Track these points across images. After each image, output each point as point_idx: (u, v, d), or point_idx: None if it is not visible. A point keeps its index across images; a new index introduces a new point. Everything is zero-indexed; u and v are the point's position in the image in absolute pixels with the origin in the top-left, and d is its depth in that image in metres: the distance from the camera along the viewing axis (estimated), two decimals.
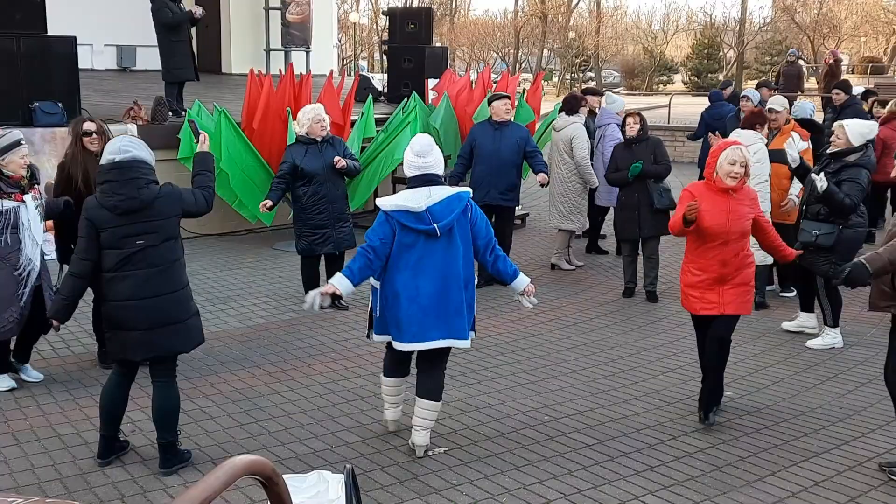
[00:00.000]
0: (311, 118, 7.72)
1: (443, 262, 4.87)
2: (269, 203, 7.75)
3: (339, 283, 4.87)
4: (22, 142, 5.60)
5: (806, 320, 7.55)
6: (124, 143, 4.67)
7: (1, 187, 5.40)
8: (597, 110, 10.55)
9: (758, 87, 13.12)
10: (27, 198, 5.58)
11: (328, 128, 7.85)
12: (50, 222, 6.10)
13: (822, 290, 7.16)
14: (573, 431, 5.50)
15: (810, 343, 7.22)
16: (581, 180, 9.40)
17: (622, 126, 8.81)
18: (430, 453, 5.13)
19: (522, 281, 5.12)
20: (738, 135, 7.89)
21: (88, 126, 6.01)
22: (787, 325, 7.65)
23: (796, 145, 7.36)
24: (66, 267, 5.55)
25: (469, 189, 5.08)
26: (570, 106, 9.56)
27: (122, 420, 5.00)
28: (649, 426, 5.60)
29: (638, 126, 8.56)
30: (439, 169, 5.00)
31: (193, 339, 4.86)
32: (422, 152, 4.94)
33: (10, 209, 5.45)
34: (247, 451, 5.05)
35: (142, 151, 4.68)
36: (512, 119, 8.88)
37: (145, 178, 4.62)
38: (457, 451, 5.18)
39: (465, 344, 5.04)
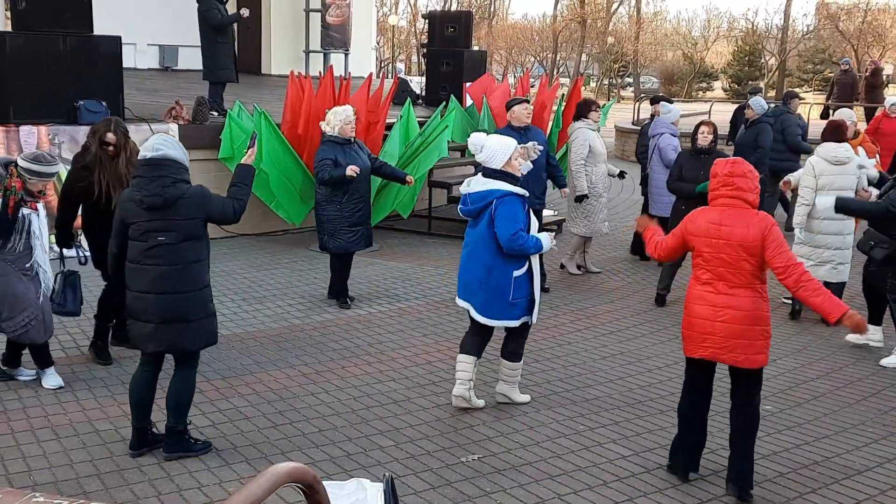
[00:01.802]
0: (342, 119, 7.75)
1: (471, 240, 5.71)
2: (357, 168, 7.68)
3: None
4: (56, 175, 5.87)
5: (872, 333, 7.36)
6: (157, 142, 4.81)
7: (22, 196, 5.57)
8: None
9: (787, 97, 12.93)
10: (39, 206, 5.78)
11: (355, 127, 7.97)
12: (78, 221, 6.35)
13: (894, 306, 7.01)
14: (609, 442, 5.45)
15: (884, 361, 7.04)
16: (594, 185, 9.29)
17: (693, 134, 8.57)
18: (463, 460, 5.11)
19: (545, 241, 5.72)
20: (823, 149, 7.79)
21: (109, 138, 6.10)
22: (851, 337, 7.46)
23: (862, 159, 7.26)
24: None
25: (508, 190, 5.55)
26: (578, 111, 9.58)
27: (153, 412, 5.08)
28: None
29: (711, 136, 8.40)
30: (493, 162, 5.58)
31: (202, 340, 4.94)
32: (475, 148, 5.69)
33: (27, 216, 5.65)
34: (281, 452, 5.08)
35: (173, 150, 4.79)
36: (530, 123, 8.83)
37: (172, 177, 4.72)
38: (491, 459, 5.16)
39: (477, 316, 5.70)
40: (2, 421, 5.38)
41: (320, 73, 11.18)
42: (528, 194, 5.70)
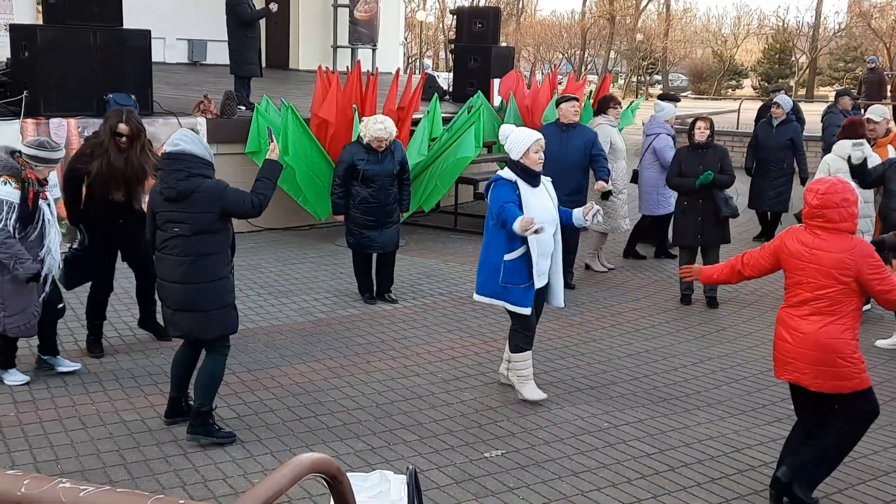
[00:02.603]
0: (373, 136, 7.66)
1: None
2: (342, 218, 7.97)
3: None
4: (60, 161, 5.94)
5: None
6: (177, 136, 4.96)
7: (37, 188, 5.57)
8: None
9: (838, 96, 12.79)
10: (49, 195, 5.79)
11: (391, 139, 7.83)
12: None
13: None
14: (633, 439, 5.43)
15: (881, 343, 6.99)
16: (614, 181, 9.26)
17: (690, 129, 8.58)
18: (486, 456, 5.11)
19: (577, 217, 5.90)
20: (839, 146, 7.75)
21: (122, 128, 6.12)
22: (881, 343, 7.33)
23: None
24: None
25: (499, 175, 5.77)
26: (599, 106, 9.63)
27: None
28: (712, 437, 5.50)
29: (708, 132, 8.40)
30: (511, 153, 5.74)
31: (215, 330, 5.04)
32: (502, 138, 5.88)
33: (40, 206, 5.62)
34: (305, 445, 5.10)
35: (191, 146, 4.88)
36: (579, 121, 8.81)
37: (188, 171, 4.82)
38: (514, 455, 5.15)
39: (475, 295, 6.03)
40: (30, 410, 5.45)
41: (348, 68, 11.20)
42: (513, 179, 5.68)
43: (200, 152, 4.91)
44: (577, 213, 5.88)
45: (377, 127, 7.70)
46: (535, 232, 5.43)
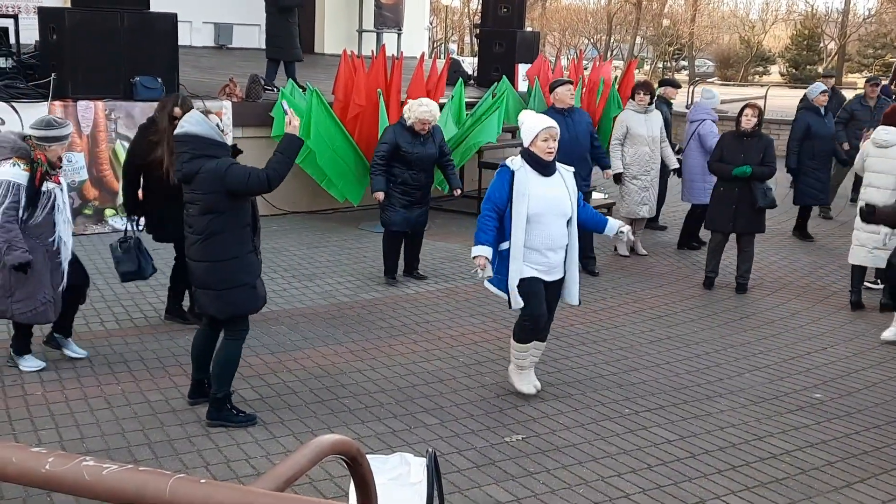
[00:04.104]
0: (418, 116, 7.76)
1: None
2: (382, 196, 7.89)
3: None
4: (70, 136, 5.97)
5: None
6: (184, 119, 5.03)
7: (47, 170, 5.54)
8: (672, 101, 10.40)
9: (868, 82, 12.60)
10: (62, 179, 5.76)
11: (433, 123, 7.93)
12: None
13: None
14: (654, 426, 5.42)
15: (886, 335, 6.92)
16: (627, 166, 9.30)
17: (738, 116, 8.41)
18: (507, 440, 5.13)
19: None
20: (885, 131, 7.70)
21: (177, 112, 6.21)
22: (887, 335, 7.21)
23: None
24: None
25: (506, 163, 5.61)
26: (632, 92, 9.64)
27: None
28: (733, 425, 5.48)
29: (755, 120, 8.27)
30: (524, 141, 5.60)
31: (227, 309, 5.06)
32: (519, 125, 5.73)
33: (52, 190, 5.58)
34: (327, 427, 5.14)
35: (195, 127, 4.90)
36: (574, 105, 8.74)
37: (191, 153, 4.87)
38: (535, 440, 5.16)
39: (487, 285, 5.81)
40: (56, 389, 5.52)
41: (373, 52, 11.19)
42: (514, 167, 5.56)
43: (205, 132, 4.88)
44: (613, 225, 5.84)
45: (422, 110, 7.78)
46: (478, 269, 5.57)
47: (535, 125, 5.54)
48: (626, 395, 5.90)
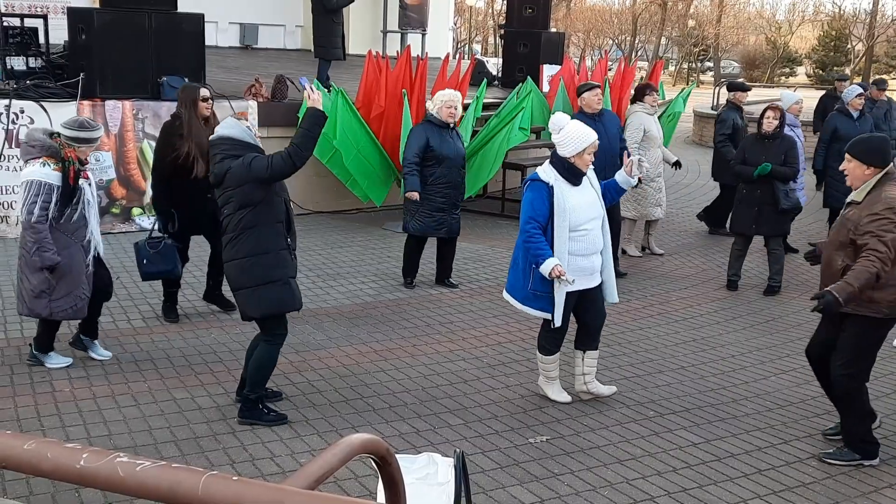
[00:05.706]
0: (443, 101, 7.78)
1: None
2: (417, 195, 7.75)
3: None
4: (100, 139, 6.06)
5: None
6: (219, 125, 5.13)
7: (77, 167, 5.56)
8: (742, 105, 10.28)
9: (873, 83, 12.45)
10: (90, 174, 5.81)
11: (458, 116, 7.93)
12: None
13: None
14: (679, 429, 5.39)
15: None
16: (647, 170, 9.19)
17: (760, 118, 8.35)
18: (532, 441, 5.12)
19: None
20: None
21: (204, 93, 6.35)
22: None
23: None
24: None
25: (537, 175, 5.47)
26: (636, 94, 9.53)
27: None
28: (759, 428, 5.45)
29: (777, 122, 8.22)
30: (564, 149, 5.39)
31: (260, 307, 5.03)
32: (554, 128, 5.49)
33: (81, 185, 5.60)
34: (351, 427, 5.15)
35: (228, 130, 5.00)
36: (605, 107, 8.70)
37: (222, 154, 4.94)
38: (559, 441, 5.15)
39: (504, 293, 5.72)
40: (84, 386, 5.57)
41: (397, 52, 11.20)
42: (551, 181, 5.37)
43: (237, 134, 4.96)
44: (621, 176, 5.69)
45: (446, 97, 7.83)
46: (564, 281, 5.26)
47: (583, 137, 5.34)
48: (651, 397, 5.87)
